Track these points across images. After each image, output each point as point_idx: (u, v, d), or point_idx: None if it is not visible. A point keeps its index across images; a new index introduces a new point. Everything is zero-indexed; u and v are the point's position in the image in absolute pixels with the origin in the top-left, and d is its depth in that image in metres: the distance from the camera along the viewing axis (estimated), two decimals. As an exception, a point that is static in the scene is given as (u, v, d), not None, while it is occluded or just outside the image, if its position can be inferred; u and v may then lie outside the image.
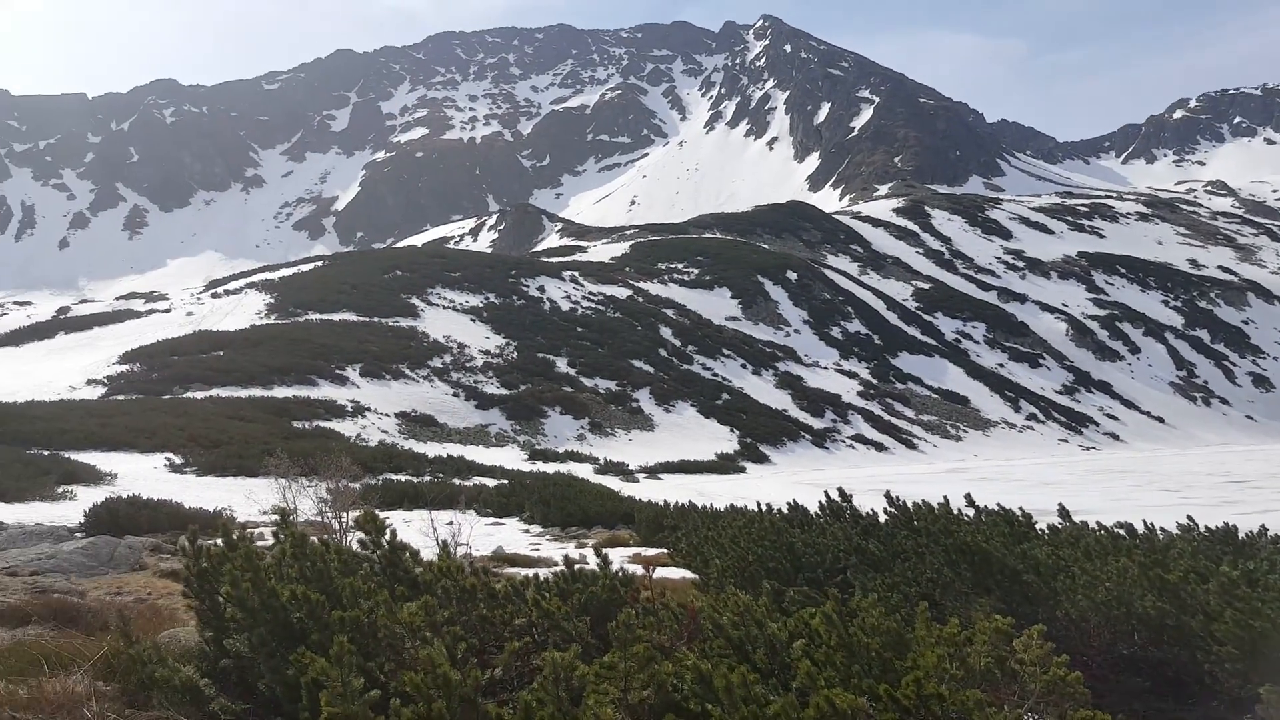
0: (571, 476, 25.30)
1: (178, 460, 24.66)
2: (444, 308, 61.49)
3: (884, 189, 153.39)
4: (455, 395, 46.27)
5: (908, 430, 56.65)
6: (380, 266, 72.22)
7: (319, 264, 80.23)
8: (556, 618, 3.35)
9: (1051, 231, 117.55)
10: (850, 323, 75.72)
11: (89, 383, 40.15)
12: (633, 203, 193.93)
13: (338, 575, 3.65)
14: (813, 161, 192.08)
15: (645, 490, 25.39)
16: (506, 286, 68.30)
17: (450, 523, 12.06)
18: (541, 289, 69.16)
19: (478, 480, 25.13)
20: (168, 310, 65.33)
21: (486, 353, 53.70)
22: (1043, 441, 59.95)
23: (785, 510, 9.92)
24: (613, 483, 27.34)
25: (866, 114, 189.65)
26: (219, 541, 4.29)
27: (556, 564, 11.32)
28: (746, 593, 4.06)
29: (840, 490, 8.84)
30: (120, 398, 37.15)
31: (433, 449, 34.12)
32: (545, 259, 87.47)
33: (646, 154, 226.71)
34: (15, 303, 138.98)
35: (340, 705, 2.52)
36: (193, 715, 3.38)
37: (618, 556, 9.91)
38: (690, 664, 2.95)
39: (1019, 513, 6.78)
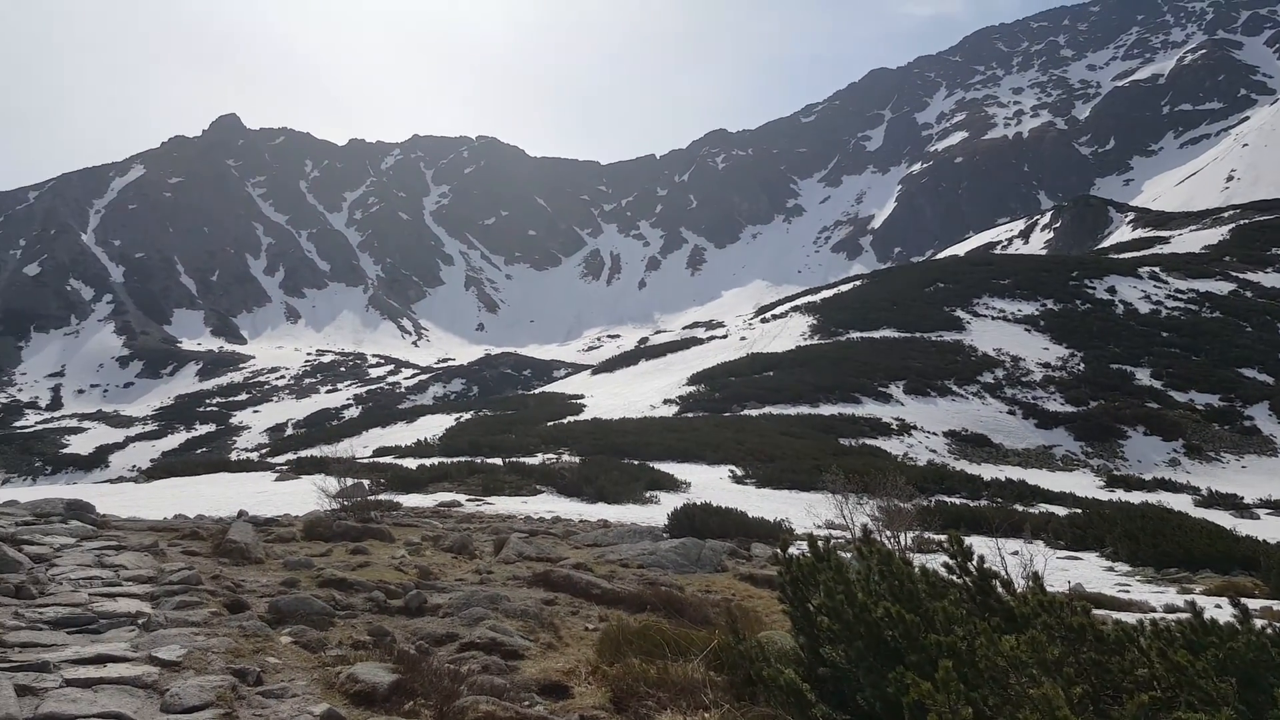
0: (1163, 508, 21.76)
1: (739, 472, 26.31)
2: (992, 318, 58.44)
3: None
4: (1010, 413, 43.52)
5: None
6: (920, 280, 71.59)
7: (857, 283, 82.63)
8: (1190, 674, 2.89)
9: None
10: None
11: (665, 402, 45.85)
12: (1230, 178, 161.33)
13: (926, 597, 3.67)
14: None
15: (1269, 529, 20.82)
16: (1066, 290, 62.22)
17: (1016, 552, 11.32)
18: (1111, 290, 61.51)
19: (1044, 507, 23.17)
20: (724, 336, 73.22)
21: (1046, 365, 49.56)
22: None
23: None
24: (1221, 518, 22.88)
25: None
26: (805, 551, 4.65)
27: (1154, 610, 9.87)
28: None
29: None
30: (689, 415, 41.83)
31: (987, 471, 32.47)
32: (1114, 255, 77.66)
33: (1246, 118, 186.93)
34: (608, 336, 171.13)
35: (951, 731, 2.51)
36: (797, 717, 3.67)
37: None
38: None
39: None
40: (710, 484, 23.77)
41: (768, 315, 77.58)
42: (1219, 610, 4.59)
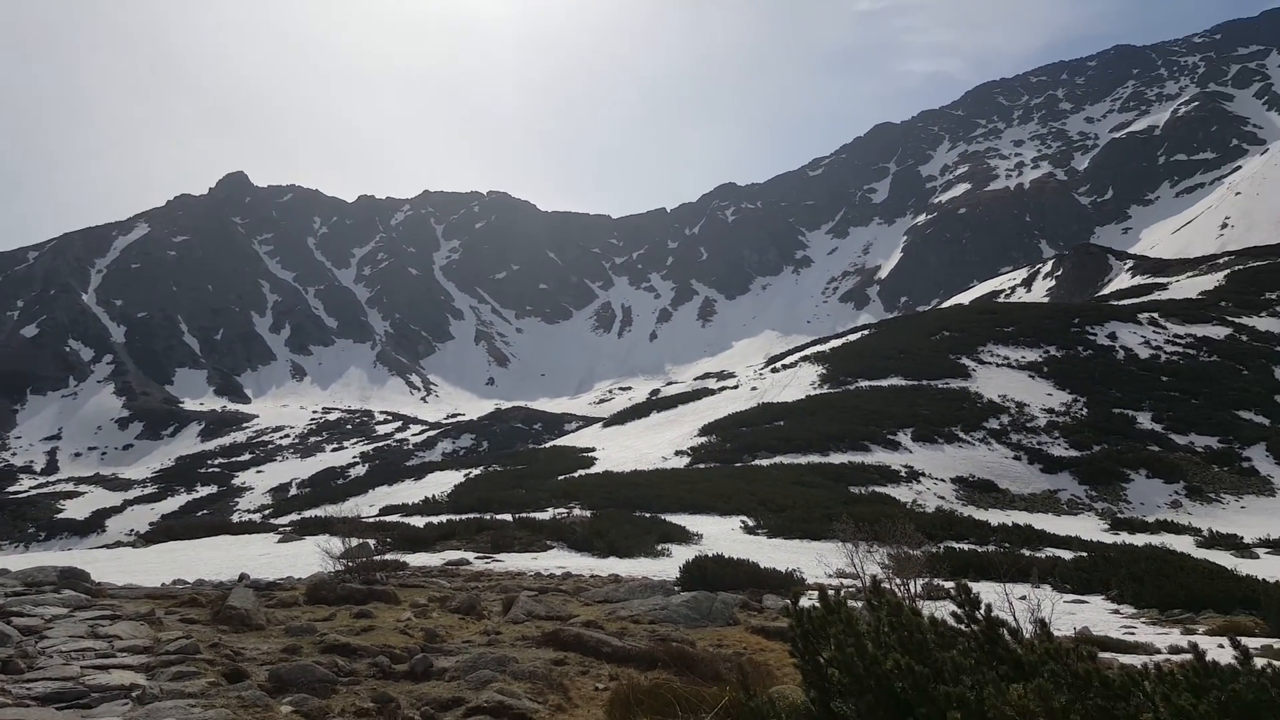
0: (1167, 550, 21.67)
1: (750, 523, 26.25)
2: (997, 365, 58.52)
3: None
4: (1016, 458, 43.38)
5: None
6: (926, 329, 71.86)
7: (865, 332, 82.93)
8: (1193, 718, 2.94)
9: None
10: None
11: (676, 453, 45.89)
12: (1224, 225, 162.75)
13: (935, 647, 3.72)
14: None
15: (1268, 569, 20.60)
16: (1069, 337, 62.41)
17: (1023, 597, 11.27)
18: (1112, 336, 61.69)
19: (1050, 551, 23.03)
20: (736, 386, 73.27)
21: (1050, 411, 49.50)
22: None
23: None
24: (1222, 558, 22.74)
25: None
26: (815, 603, 4.69)
27: (1159, 651, 9.83)
28: None
29: None
30: (701, 466, 41.89)
31: (994, 516, 32.30)
32: (1114, 302, 77.96)
33: (1238, 167, 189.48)
34: (620, 388, 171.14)
35: (959, 778, 2.56)
36: (809, 768, 3.69)
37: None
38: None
39: None
40: (722, 535, 23.68)
41: (778, 365, 77.75)
42: (1221, 650, 4.63)
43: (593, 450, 52.37)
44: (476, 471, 47.56)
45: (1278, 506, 37.40)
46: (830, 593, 4.67)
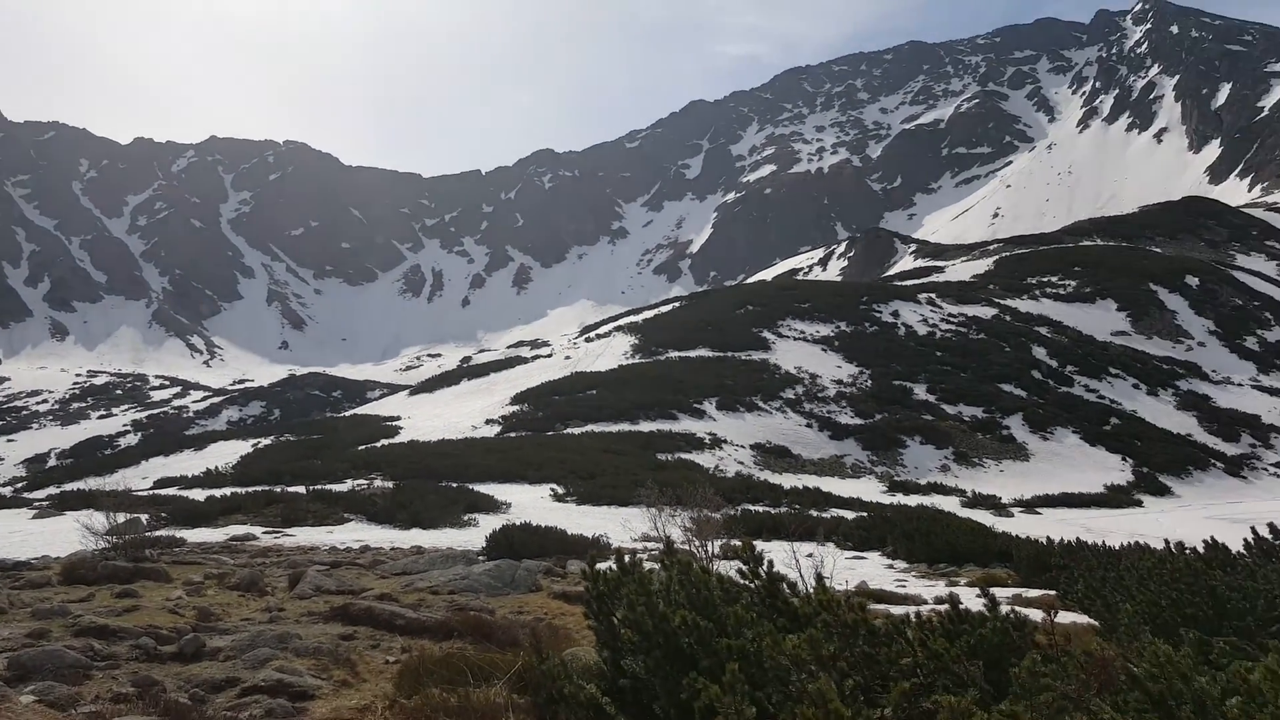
0: (936, 510, 23.95)
1: (560, 490, 26.46)
2: (794, 339, 62.06)
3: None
4: (809, 426, 46.31)
5: (1362, 458, 45.83)
6: (732, 303, 74.95)
7: (677, 305, 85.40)
8: (945, 660, 3.18)
9: None
10: (1270, 331, 63.45)
11: (487, 422, 45.43)
12: (995, 215, 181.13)
13: (720, 603, 3.81)
14: (1212, 151, 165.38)
15: (1021, 526, 23.28)
16: (858, 314, 67.18)
17: (810, 555, 12.01)
18: (895, 314, 67.00)
19: (835, 512, 24.79)
20: (549, 355, 73.36)
21: (839, 382, 53.14)
22: None
23: (1200, 549, 8.59)
24: (983, 517, 25.43)
25: (1279, 91, 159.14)
26: (611, 566, 4.71)
27: (925, 602, 10.78)
28: (1161, 641, 3.55)
29: (1271, 526, 7.84)
30: (512, 435, 41.78)
31: (788, 480, 34.35)
32: (898, 283, 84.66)
33: (1010, 162, 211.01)
34: (429, 355, 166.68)
35: (734, 730, 2.62)
36: (595, 730, 3.69)
37: (998, 597, 9.20)
38: (1107, 717, 2.65)
39: None
40: (532, 504, 23.70)
41: (592, 335, 78.45)
42: (977, 600, 5.08)
43: (398, 419, 50.72)
44: (267, 441, 44.75)
45: (1030, 470, 42.25)
46: (627, 556, 4.69)
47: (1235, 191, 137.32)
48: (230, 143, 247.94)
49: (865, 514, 23.05)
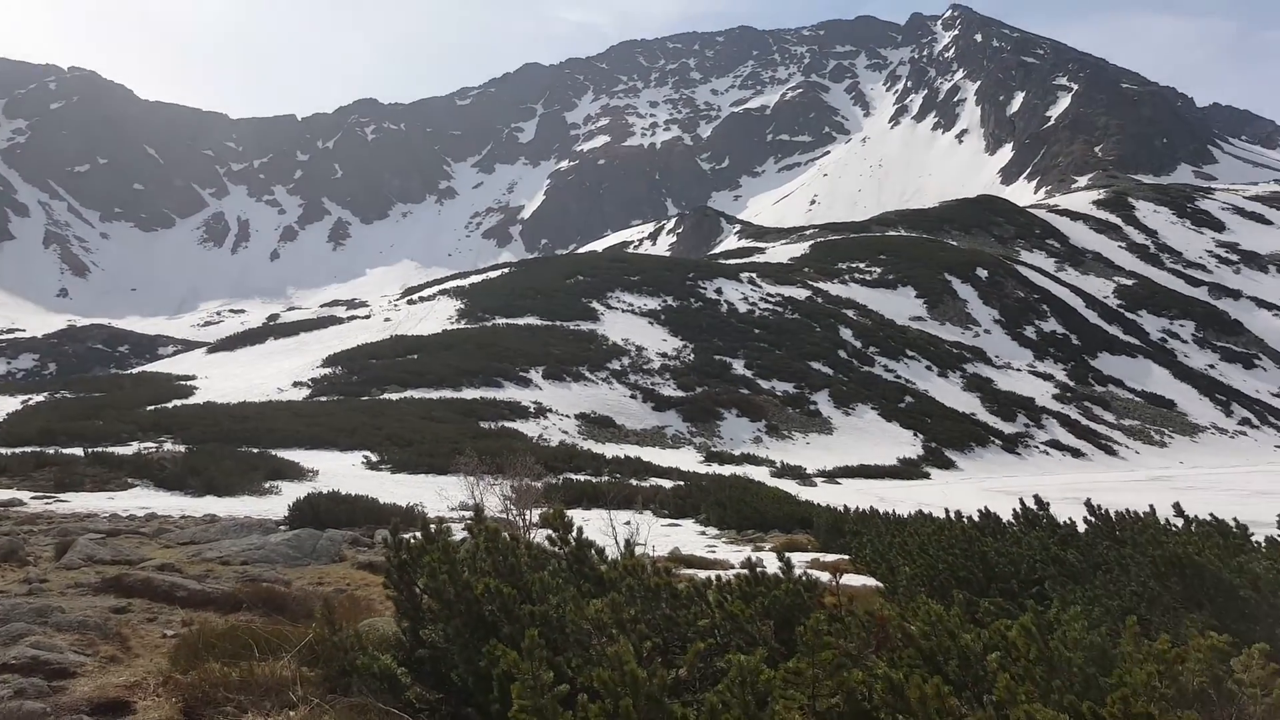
0: (748, 479, 25.10)
1: (374, 458, 25.65)
2: (623, 311, 62.87)
3: (1083, 180, 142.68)
4: (633, 397, 47.17)
5: (1107, 435, 52.31)
6: (563, 272, 74.82)
7: (506, 271, 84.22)
8: (740, 620, 3.29)
9: (1270, 222, 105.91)
10: (1046, 322, 70.86)
11: (295, 385, 43.20)
12: (813, 202, 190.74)
13: (527, 570, 3.76)
14: (1005, 154, 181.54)
15: (823, 495, 24.81)
16: (684, 289, 68.90)
17: (628, 522, 12.26)
18: (719, 291, 69.28)
19: (654, 481, 25.44)
20: (367, 317, 70.48)
21: (664, 355, 54.41)
22: (1257, 448, 54.00)
23: (975, 518, 9.43)
24: (789, 486, 26.91)
25: (1064, 102, 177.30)
26: (417, 535, 4.54)
27: (733, 566, 11.26)
28: (936, 602, 3.86)
29: (1036, 497, 8.56)
30: (323, 399, 39.86)
31: (611, 450, 34.89)
32: (723, 261, 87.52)
33: (828, 152, 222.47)
34: (231, 310, 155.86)
35: (530, 698, 2.58)
36: (389, 702, 3.55)
37: (796, 561, 9.74)
38: (881, 673, 2.83)
39: (1233, 523, 6.38)
40: (342, 471, 22.88)
41: (415, 297, 76.10)
42: (778, 564, 5.33)
43: (193, 378, 47.12)
44: (40, 398, 40.34)
45: (834, 443, 45.10)
46: (433, 525, 4.54)
47: (1023, 192, 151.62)
48: (3, 64, 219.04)
49: (682, 483, 23.81)
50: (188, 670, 4.25)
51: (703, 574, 8.99)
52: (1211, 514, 6.83)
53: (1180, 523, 6.56)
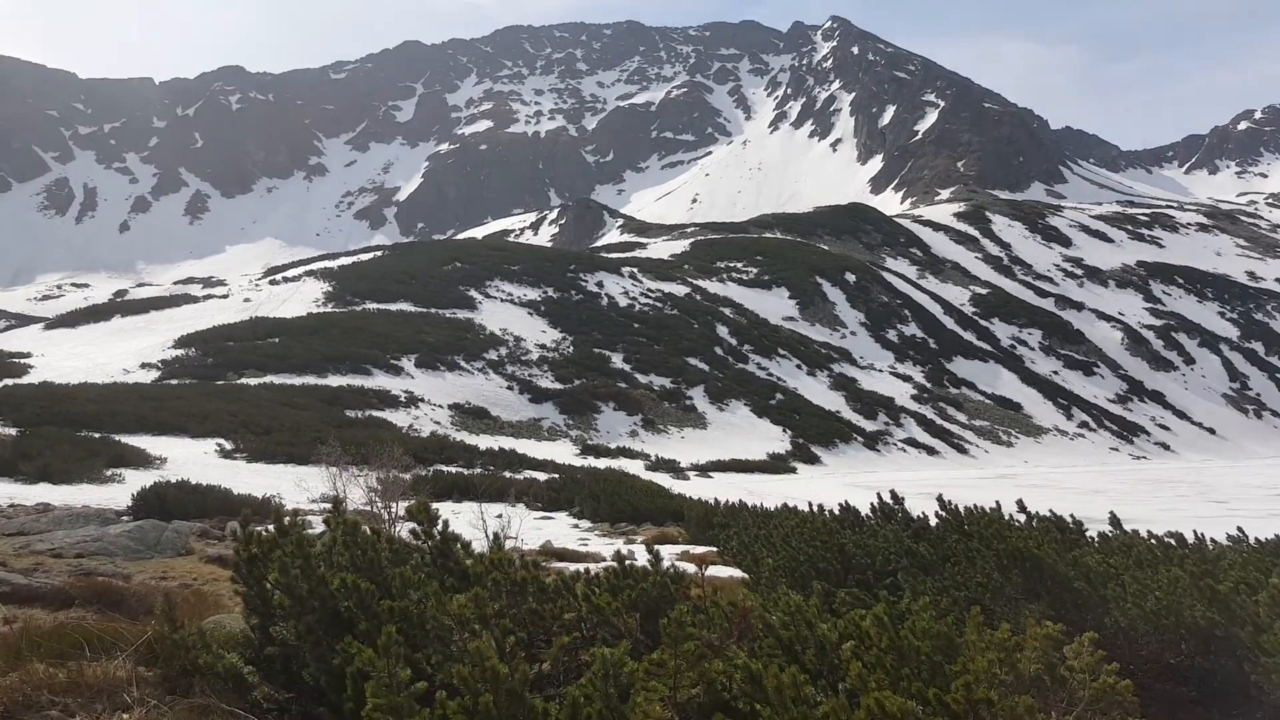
0: (622, 472, 25.27)
1: (229, 446, 24.55)
2: (502, 301, 62.06)
3: (946, 193, 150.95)
4: (510, 388, 46.67)
5: (960, 435, 55.68)
6: (440, 258, 73.17)
7: (379, 254, 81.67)
8: (606, 613, 3.29)
9: (1111, 240, 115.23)
10: (907, 326, 74.65)
11: (143, 366, 40.85)
12: (694, 200, 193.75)
13: (388, 565, 3.63)
14: (876, 164, 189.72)
15: (696, 488, 25.28)
16: (565, 281, 68.67)
17: (500, 515, 12.10)
18: (600, 284, 69.40)
19: (529, 474, 25.26)
20: (225, 296, 66.96)
21: (543, 347, 54.07)
22: (1094, 450, 58.77)
23: (836, 511, 9.80)
24: (664, 480, 27.27)
25: (931, 118, 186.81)
26: (270, 528, 4.31)
27: (605, 559, 11.29)
28: (797, 593, 3.98)
29: (892, 493, 8.89)
30: (174, 382, 37.79)
31: (485, 441, 34.42)
32: (605, 255, 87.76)
33: (710, 152, 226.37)
34: (73, 284, 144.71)
35: (385, 696, 2.49)
36: (234, 703, 3.37)
37: (667, 554, 9.87)
38: (740, 663, 2.89)
39: (1070, 520, 6.81)
40: (193, 459, 21.76)
41: (279, 278, 72.76)
42: (649, 556, 5.36)
43: (28, 356, 43.59)
44: None
45: (708, 437, 46.02)
46: (287, 517, 4.32)
47: (891, 202, 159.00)
48: None
49: (557, 476, 23.73)
50: (7, 672, 3.90)
51: (573, 567, 8.99)
52: (1051, 510, 7.28)
53: (1023, 518, 6.91)
